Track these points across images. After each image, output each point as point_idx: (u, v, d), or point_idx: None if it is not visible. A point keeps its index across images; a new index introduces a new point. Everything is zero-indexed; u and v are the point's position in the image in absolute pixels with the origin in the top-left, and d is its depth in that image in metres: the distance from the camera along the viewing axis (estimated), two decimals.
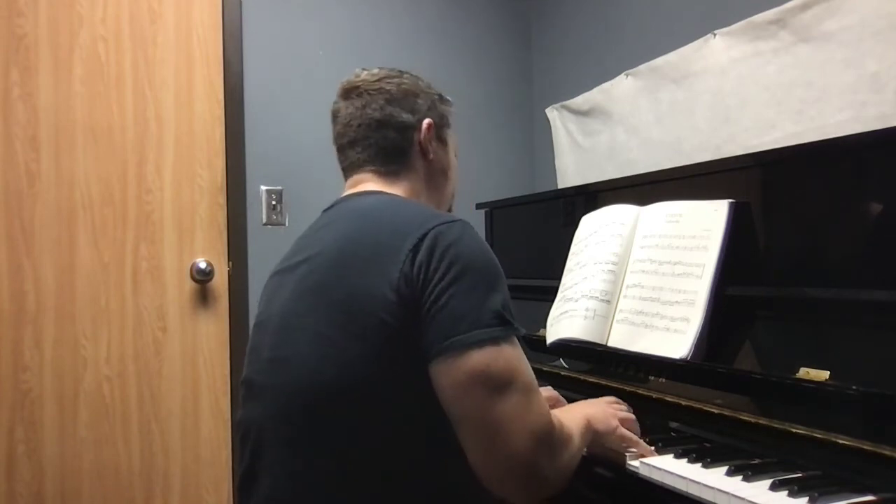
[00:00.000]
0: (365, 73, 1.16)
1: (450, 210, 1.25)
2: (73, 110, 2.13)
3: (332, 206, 1.13)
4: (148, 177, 2.21)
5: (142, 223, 2.20)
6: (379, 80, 1.14)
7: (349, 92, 1.15)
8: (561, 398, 1.31)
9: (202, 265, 2.25)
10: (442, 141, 1.19)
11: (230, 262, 2.31)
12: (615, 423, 1.10)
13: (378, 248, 0.94)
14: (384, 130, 1.12)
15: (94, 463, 2.12)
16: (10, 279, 2.05)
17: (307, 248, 1.06)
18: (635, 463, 1.06)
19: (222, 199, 2.31)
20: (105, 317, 2.15)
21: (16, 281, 2.05)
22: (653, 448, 1.09)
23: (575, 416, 1.05)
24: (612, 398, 1.20)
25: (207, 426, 2.27)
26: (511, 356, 0.91)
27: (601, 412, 1.11)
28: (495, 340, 0.89)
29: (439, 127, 1.18)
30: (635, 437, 1.10)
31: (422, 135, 1.14)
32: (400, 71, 1.18)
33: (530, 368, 0.94)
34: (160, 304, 2.22)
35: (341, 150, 1.17)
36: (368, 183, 1.12)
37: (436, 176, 1.18)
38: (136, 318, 2.19)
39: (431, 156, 1.15)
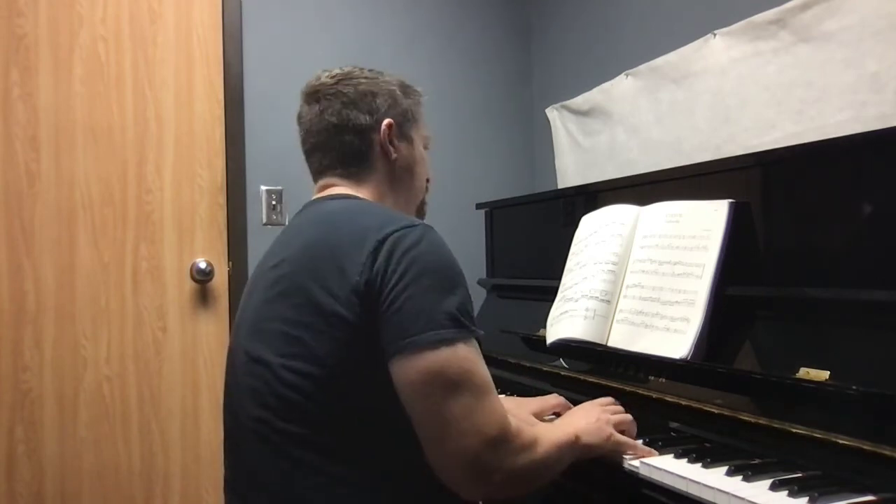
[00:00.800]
0: (325, 75, 1.17)
1: (423, 203, 1.26)
2: (73, 110, 2.13)
3: (301, 210, 1.15)
4: (148, 177, 2.21)
5: (142, 223, 2.20)
6: (336, 84, 1.14)
7: (310, 96, 1.16)
8: (568, 405, 1.30)
9: (202, 265, 2.25)
10: (406, 138, 1.19)
11: (230, 262, 2.31)
12: (608, 430, 1.09)
13: (341, 252, 0.97)
14: (343, 135, 1.13)
15: (94, 463, 2.12)
16: (10, 279, 2.05)
17: (278, 252, 1.09)
18: (635, 463, 1.06)
19: (222, 199, 2.31)
20: (105, 317, 2.15)
21: (16, 281, 2.05)
22: (651, 449, 1.09)
23: (561, 429, 1.05)
24: (606, 399, 1.20)
25: (207, 426, 2.27)
26: (465, 358, 0.92)
27: (592, 423, 1.09)
28: (449, 342, 0.91)
29: (401, 124, 1.17)
30: (631, 442, 1.09)
31: (381, 135, 1.14)
32: (361, 69, 1.18)
33: (486, 370, 0.95)
34: (160, 304, 2.22)
35: (306, 155, 1.19)
36: (335, 187, 1.15)
37: (400, 174, 1.18)
38: (136, 318, 2.19)
39: (393, 155, 1.15)
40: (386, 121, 1.14)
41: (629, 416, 1.15)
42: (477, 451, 0.90)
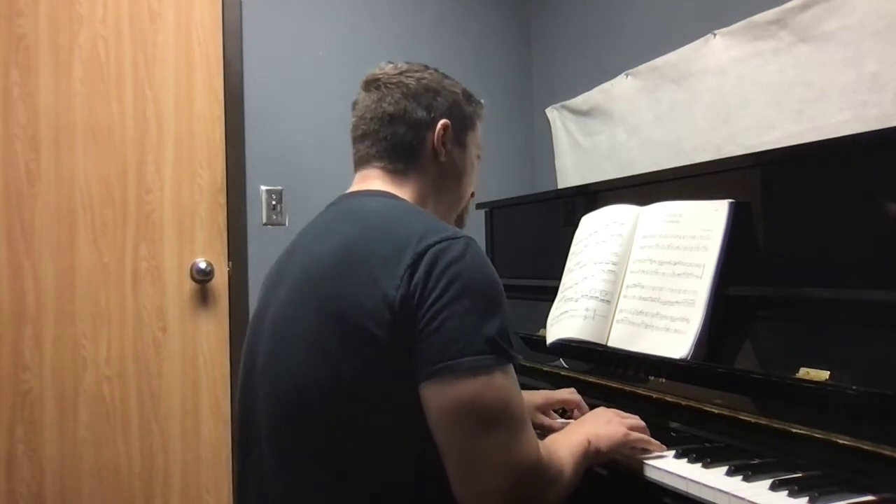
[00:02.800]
0: (389, 66, 1.12)
1: (463, 213, 1.22)
2: (73, 110, 2.13)
3: (335, 202, 1.10)
4: (148, 177, 2.21)
5: (142, 223, 2.20)
6: (400, 74, 1.10)
7: (369, 84, 1.11)
8: (582, 404, 1.30)
9: (202, 265, 2.25)
10: (460, 143, 1.14)
11: (230, 262, 2.31)
12: (621, 430, 1.06)
13: (376, 261, 0.91)
14: (396, 126, 1.08)
15: (94, 463, 2.12)
16: (10, 279, 2.05)
17: (306, 248, 1.04)
18: (630, 454, 1.06)
19: (222, 199, 2.31)
20: (105, 317, 2.15)
21: (16, 281, 2.05)
22: (662, 444, 1.09)
23: (574, 439, 1.01)
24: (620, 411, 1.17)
25: (207, 426, 2.27)
26: (502, 388, 0.87)
27: (603, 426, 1.07)
28: (487, 369, 0.86)
29: (459, 129, 1.13)
30: (645, 437, 1.08)
31: (435, 135, 1.09)
32: (425, 66, 1.14)
33: (522, 400, 0.90)
34: (160, 304, 2.22)
35: (354, 142, 1.13)
36: (375, 181, 1.08)
37: (447, 179, 1.13)
38: (136, 318, 2.19)
39: (443, 158, 1.10)
40: (443, 121, 1.10)
41: (642, 423, 1.11)
42: (510, 490, 0.85)
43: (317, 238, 1.03)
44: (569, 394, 1.31)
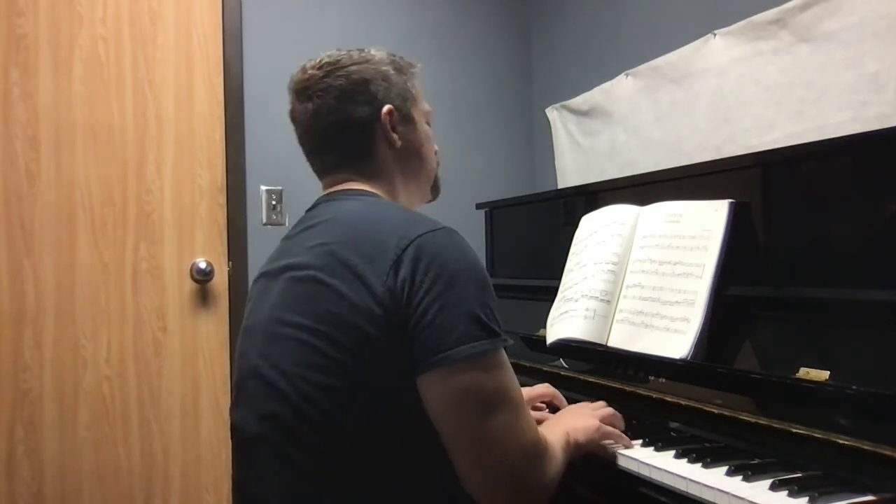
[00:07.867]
0: (311, 66, 1.09)
1: (437, 180, 1.21)
2: (73, 110, 2.13)
3: (314, 206, 1.10)
4: (148, 177, 2.21)
5: (142, 223, 2.20)
6: (326, 76, 1.07)
7: (300, 93, 1.10)
8: (558, 395, 1.32)
9: (202, 265, 2.25)
10: (408, 120, 1.12)
11: (230, 262, 2.31)
12: (594, 422, 1.10)
13: (361, 259, 0.92)
14: (344, 133, 1.07)
15: (94, 463, 2.12)
16: (10, 279, 2.05)
17: (291, 252, 1.04)
18: (635, 462, 1.06)
19: (222, 199, 2.31)
20: (105, 317, 2.15)
21: (16, 281, 2.05)
22: (634, 442, 1.11)
23: (555, 430, 1.03)
24: (597, 403, 1.21)
25: (207, 426, 2.27)
26: (500, 371, 0.90)
27: (577, 419, 1.10)
28: (485, 355, 0.89)
29: (401, 107, 1.10)
30: (616, 432, 1.11)
31: (383, 125, 1.08)
32: (348, 52, 1.10)
33: (517, 381, 0.94)
34: (160, 304, 2.22)
35: (308, 155, 1.13)
36: (347, 182, 1.09)
37: (409, 160, 1.12)
38: (136, 318, 2.19)
39: (398, 144, 1.09)
40: (385, 107, 1.08)
41: (612, 410, 1.16)
42: (519, 467, 0.88)
43: (302, 244, 1.03)
44: (544, 388, 1.33)
